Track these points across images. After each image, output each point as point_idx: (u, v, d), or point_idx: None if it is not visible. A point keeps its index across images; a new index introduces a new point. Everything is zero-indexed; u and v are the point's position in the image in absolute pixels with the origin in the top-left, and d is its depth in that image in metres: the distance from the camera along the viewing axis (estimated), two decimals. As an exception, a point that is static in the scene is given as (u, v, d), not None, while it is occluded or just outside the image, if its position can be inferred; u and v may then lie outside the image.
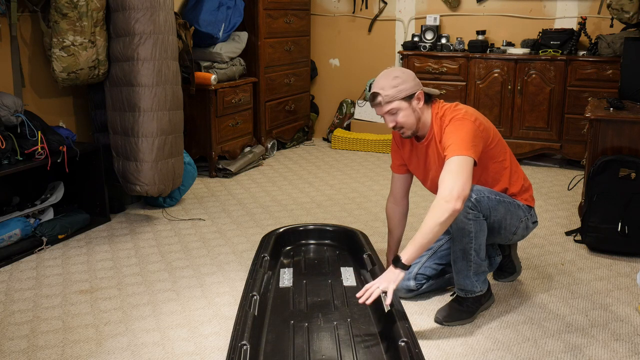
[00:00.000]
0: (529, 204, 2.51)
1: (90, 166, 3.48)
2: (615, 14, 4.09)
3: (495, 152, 2.42)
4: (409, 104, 2.37)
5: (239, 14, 4.56)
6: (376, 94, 2.36)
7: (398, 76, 2.37)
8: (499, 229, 2.43)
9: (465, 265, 2.39)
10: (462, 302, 2.44)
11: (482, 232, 2.35)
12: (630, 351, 2.22)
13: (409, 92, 2.36)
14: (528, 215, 2.49)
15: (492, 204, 2.35)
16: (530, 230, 2.55)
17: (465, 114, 2.34)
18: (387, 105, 2.37)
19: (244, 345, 1.94)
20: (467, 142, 2.24)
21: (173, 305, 2.58)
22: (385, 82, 2.37)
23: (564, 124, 4.64)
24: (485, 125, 2.38)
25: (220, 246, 3.22)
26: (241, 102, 4.64)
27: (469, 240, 2.33)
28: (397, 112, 2.37)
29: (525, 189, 2.51)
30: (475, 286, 2.42)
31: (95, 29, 3.30)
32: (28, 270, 2.93)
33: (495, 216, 2.37)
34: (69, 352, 2.23)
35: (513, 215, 2.43)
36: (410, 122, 2.39)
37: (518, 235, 2.53)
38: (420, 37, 5.14)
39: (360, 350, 2.09)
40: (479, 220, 2.32)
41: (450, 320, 2.41)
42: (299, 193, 4.14)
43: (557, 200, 3.97)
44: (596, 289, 2.71)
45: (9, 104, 3.06)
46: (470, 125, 2.30)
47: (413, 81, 2.39)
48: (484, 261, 2.42)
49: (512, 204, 2.43)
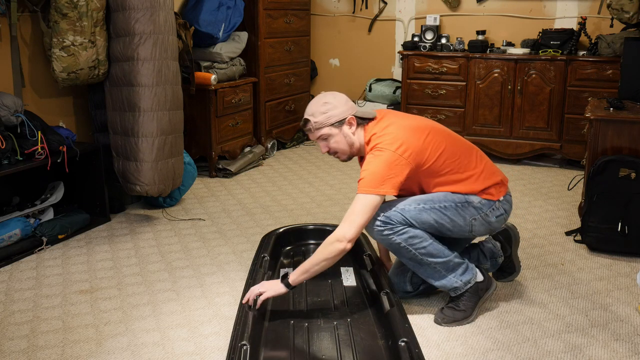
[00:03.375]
0: (489, 197, 2.37)
1: (90, 166, 3.48)
2: (615, 14, 4.09)
3: (436, 167, 2.32)
4: (339, 130, 2.35)
5: (239, 14, 4.56)
6: (306, 120, 2.37)
7: (328, 102, 2.36)
8: (443, 232, 2.36)
9: (429, 269, 2.35)
10: (458, 300, 2.40)
11: (415, 238, 2.29)
12: (630, 351, 2.22)
13: (338, 117, 2.34)
14: (487, 210, 2.36)
15: (412, 213, 2.29)
16: (497, 223, 2.42)
17: (389, 141, 2.25)
18: (318, 132, 2.37)
19: (244, 345, 1.94)
20: (378, 178, 2.19)
21: (173, 305, 2.58)
22: (315, 108, 2.36)
23: (564, 124, 4.64)
24: (417, 147, 2.26)
25: (220, 246, 3.23)
26: (241, 102, 4.64)
27: (406, 250, 2.30)
28: (328, 138, 2.37)
29: (486, 187, 2.37)
30: (455, 281, 2.37)
31: (95, 29, 3.30)
32: (28, 270, 2.93)
33: (425, 223, 2.30)
34: (69, 352, 2.23)
35: (455, 216, 2.32)
36: (342, 147, 2.38)
37: (479, 232, 2.42)
38: (420, 37, 5.14)
39: (360, 350, 2.09)
40: (401, 232, 2.28)
41: (448, 320, 2.38)
42: (299, 193, 4.14)
43: (557, 200, 3.97)
44: (596, 289, 2.71)
45: (9, 104, 3.06)
46: (387, 156, 2.22)
47: (344, 106, 2.36)
48: (449, 256, 2.34)
49: (451, 206, 2.32)
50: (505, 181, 2.47)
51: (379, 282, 2.41)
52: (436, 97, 4.97)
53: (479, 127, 4.87)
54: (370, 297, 2.44)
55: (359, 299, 2.46)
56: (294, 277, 2.25)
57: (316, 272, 2.24)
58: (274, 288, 2.26)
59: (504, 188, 2.44)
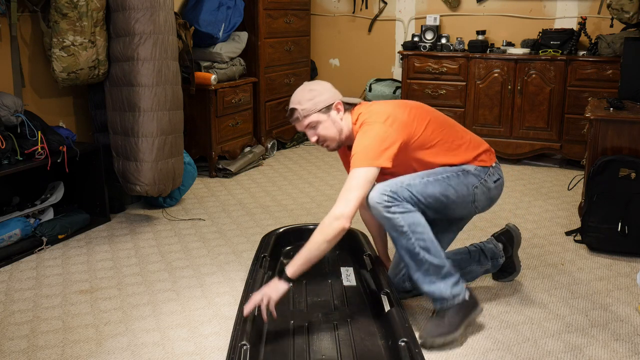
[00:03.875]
0: (482, 164, 2.37)
1: (90, 166, 3.48)
2: (615, 14, 4.09)
3: (426, 138, 2.30)
4: (327, 116, 2.32)
5: (239, 14, 4.56)
6: (293, 109, 2.33)
7: (313, 89, 2.34)
8: (449, 205, 2.31)
9: (421, 270, 2.24)
10: (443, 315, 2.25)
11: (419, 225, 2.21)
12: (630, 351, 2.22)
13: (326, 103, 2.32)
14: (484, 176, 2.35)
15: (419, 187, 2.23)
16: (495, 190, 2.40)
17: (376, 115, 2.26)
18: (306, 120, 2.33)
19: (244, 345, 1.94)
20: (371, 150, 2.16)
21: (173, 305, 2.58)
22: (301, 95, 2.33)
23: (564, 124, 4.64)
24: (403, 119, 2.26)
25: (220, 246, 3.23)
26: (241, 102, 4.64)
27: (407, 237, 2.20)
28: (317, 126, 2.33)
29: (478, 154, 2.38)
30: (444, 291, 2.24)
31: (95, 29, 3.30)
32: (28, 270, 2.93)
33: (431, 197, 2.25)
34: (69, 352, 2.23)
35: (459, 185, 2.30)
36: (332, 134, 2.35)
37: (482, 202, 2.38)
38: (420, 37, 5.14)
39: (360, 350, 2.09)
40: (407, 213, 2.19)
41: (429, 335, 2.22)
42: (299, 193, 4.14)
43: (557, 200, 3.97)
44: (596, 289, 2.71)
45: (9, 104, 3.06)
46: (377, 128, 2.21)
47: (330, 92, 2.35)
48: (445, 262, 2.25)
49: (453, 175, 2.30)
50: (492, 150, 2.48)
51: (379, 282, 2.41)
52: (436, 97, 4.97)
53: (479, 127, 4.87)
54: (370, 297, 2.44)
55: (359, 299, 2.46)
56: (292, 270, 2.12)
57: (316, 257, 2.13)
58: (276, 290, 2.12)
59: (492, 155, 2.45)
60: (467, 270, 2.59)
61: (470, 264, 2.60)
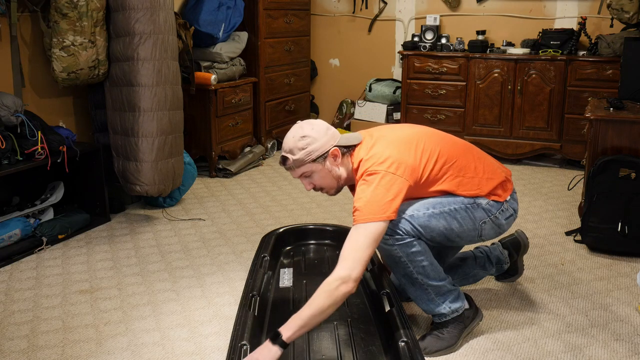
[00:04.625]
0: (497, 199, 2.22)
1: (90, 166, 3.48)
2: (615, 14, 4.09)
3: (435, 175, 2.15)
4: (322, 165, 2.14)
5: (239, 14, 4.56)
6: (285, 157, 2.14)
7: (306, 135, 2.11)
8: (452, 239, 2.20)
9: (419, 290, 2.19)
10: (442, 328, 2.22)
11: (417, 254, 2.12)
12: (630, 351, 2.22)
13: (320, 152, 2.11)
14: (496, 212, 2.21)
15: (421, 220, 2.11)
16: (505, 225, 2.27)
17: (378, 162, 2.06)
18: (299, 170, 2.15)
19: (244, 345, 1.94)
20: (375, 203, 1.97)
21: (173, 305, 2.58)
22: (292, 143, 2.12)
23: (564, 124, 4.64)
24: (409, 162, 2.08)
25: (220, 246, 3.22)
26: (241, 102, 4.64)
27: (405, 265, 2.13)
28: (312, 175, 2.16)
29: (493, 188, 2.23)
30: (444, 307, 2.20)
31: (95, 29, 3.30)
32: (28, 270, 2.93)
33: (434, 231, 2.14)
34: (69, 352, 2.23)
35: (465, 219, 2.17)
36: (329, 182, 2.18)
37: (488, 236, 2.26)
38: (420, 37, 5.14)
39: (360, 350, 2.09)
40: (405, 244, 2.10)
41: (431, 350, 2.18)
42: (299, 193, 4.14)
43: (557, 200, 3.97)
44: (596, 289, 2.71)
45: (9, 104, 3.06)
46: (381, 178, 2.02)
47: (324, 137, 2.13)
48: (444, 280, 2.20)
49: (461, 208, 2.17)
50: (509, 176, 2.33)
51: (379, 282, 2.40)
52: (436, 97, 4.97)
53: (479, 127, 4.87)
54: (370, 297, 2.44)
55: (359, 299, 2.46)
56: (289, 334, 1.89)
57: (319, 322, 1.93)
58: (269, 357, 1.87)
59: (509, 185, 2.29)
60: (470, 274, 2.58)
61: (475, 268, 2.58)
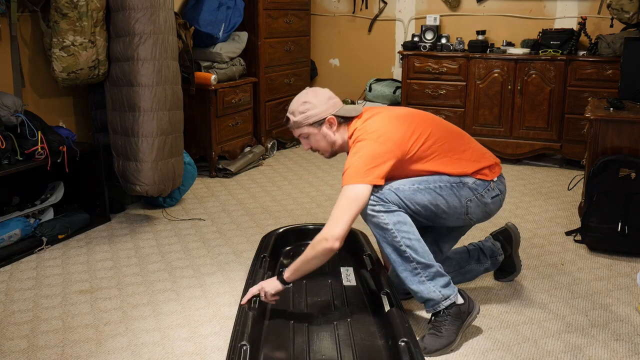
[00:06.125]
0: (484, 178, 2.32)
1: (90, 166, 3.48)
2: (615, 14, 4.09)
3: (422, 153, 2.27)
4: (318, 130, 2.36)
5: (239, 14, 4.56)
6: (287, 118, 2.42)
7: (308, 101, 2.35)
8: (439, 214, 2.29)
9: (408, 267, 2.21)
10: (440, 326, 2.22)
11: (404, 224, 2.20)
12: (630, 351, 2.22)
13: (317, 118, 2.34)
14: (482, 191, 2.31)
15: (407, 193, 2.22)
16: (493, 205, 2.37)
17: (369, 133, 2.24)
18: (297, 130, 2.40)
19: (244, 346, 1.94)
20: (362, 168, 2.15)
21: (173, 305, 2.58)
22: (295, 106, 2.38)
23: (564, 124, 4.64)
24: (397, 137, 2.23)
25: (220, 246, 3.23)
26: (241, 102, 4.64)
27: (393, 236, 2.19)
28: (309, 137, 2.39)
29: (480, 168, 2.33)
30: (434, 292, 2.20)
31: (95, 29, 3.30)
32: (28, 270, 2.93)
33: (419, 204, 2.24)
34: (69, 352, 2.23)
35: (450, 196, 2.27)
36: (323, 146, 2.39)
37: (476, 214, 2.35)
38: (420, 37, 5.14)
39: (360, 350, 2.09)
40: (392, 212, 2.19)
41: (430, 349, 2.19)
42: (299, 193, 4.14)
43: (557, 200, 3.97)
44: (596, 289, 2.71)
45: (9, 104, 3.06)
46: (369, 146, 2.19)
47: (324, 105, 2.34)
48: (433, 263, 2.23)
49: (446, 186, 2.27)
50: (498, 162, 2.43)
51: (379, 282, 2.41)
52: (436, 97, 4.97)
53: (479, 127, 4.87)
54: (370, 297, 2.44)
55: (359, 299, 2.46)
56: (288, 274, 2.25)
57: (307, 270, 2.22)
58: (272, 287, 2.26)
59: (497, 169, 2.39)
60: (466, 269, 2.60)
61: (470, 263, 2.61)
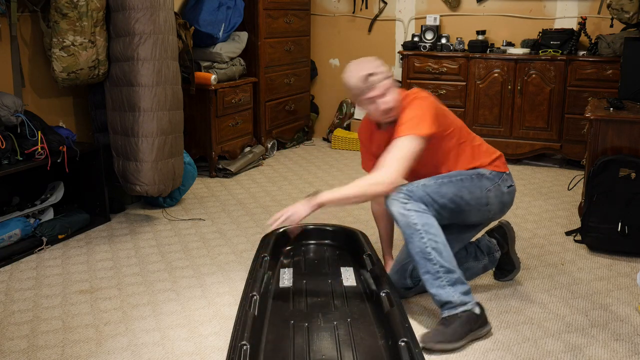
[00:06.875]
0: (498, 169, 2.47)
1: (90, 166, 3.48)
2: (615, 14, 4.09)
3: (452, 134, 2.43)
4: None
5: (239, 14, 4.56)
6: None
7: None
8: (463, 207, 2.35)
9: (432, 271, 2.23)
10: (449, 324, 2.22)
11: (432, 227, 2.25)
12: (630, 351, 2.22)
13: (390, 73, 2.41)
14: (498, 181, 2.44)
15: (432, 188, 2.30)
16: (508, 195, 2.48)
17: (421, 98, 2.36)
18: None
19: (244, 345, 1.94)
20: (420, 119, 2.26)
21: (173, 305, 2.58)
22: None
23: (564, 124, 4.64)
24: (442, 107, 2.45)
25: (220, 246, 3.23)
26: (241, 102, 4.64)
27: (420, 236, 2.23)
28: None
29: (493, 160, 2.49)
30: (452, 295, 2.22)
31: (95, 29, 3.30)
32: (28, 270, 2.93)
33: (445, 197, 2.31)
34: (69, 352, 2.23)
35: (473, 187, 2.37)
36: (395, 99, 2.37)
37: (495, 205, 2.43)
38: (420, 37, 5.14)
39: (360, 350, 2.09)
40: (421, 213, 2.25)
41: (429, 340, 2.18)
42: (299, 193, 4.14)
43: (557, 200, 3.97)
44: (596, 289, 2.71)
45: (9, 104, 3.06)
46: (422, 103, 2.32)
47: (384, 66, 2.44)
48: (456, 269, 2.25)
49: (467, 178, 2.38)
50: (503, 155, 2.58)
51: (379, 282, 2.41)
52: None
53: (479, 127, 4.87)
54: (370, 297, 2.44)
55: (359, 299, 2.46)
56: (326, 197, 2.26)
57: (350, 200, 2.30)
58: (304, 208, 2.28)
59: (505, 162, 2.56)
60: (465, 267, 2.59)
61: (468, 260, 2.62)
